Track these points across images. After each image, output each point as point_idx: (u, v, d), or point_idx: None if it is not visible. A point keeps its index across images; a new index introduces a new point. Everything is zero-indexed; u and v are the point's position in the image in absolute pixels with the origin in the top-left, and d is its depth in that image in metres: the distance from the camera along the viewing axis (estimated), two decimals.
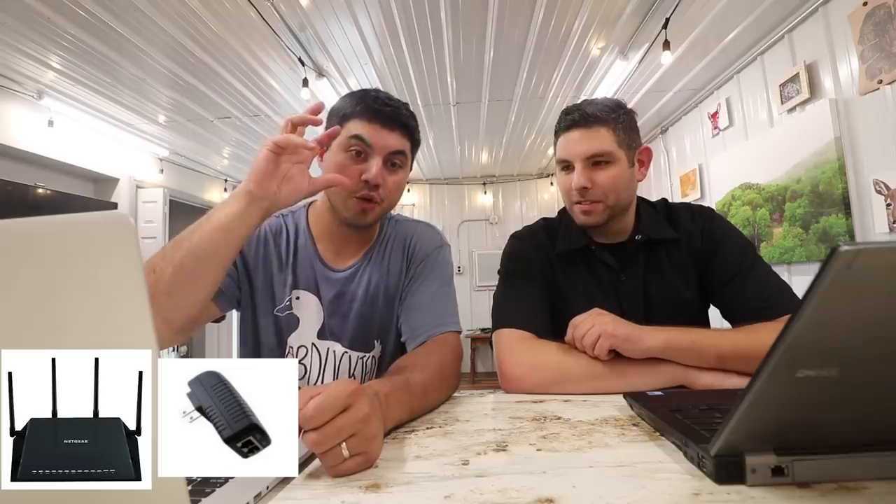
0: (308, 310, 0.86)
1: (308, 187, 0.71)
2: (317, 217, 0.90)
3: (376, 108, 0.79)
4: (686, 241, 0.91)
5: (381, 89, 0.85)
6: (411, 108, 0.86)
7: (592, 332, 0.72)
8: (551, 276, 0.93)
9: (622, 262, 0.91)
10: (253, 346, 0.87)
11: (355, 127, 0.79)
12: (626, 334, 0.71)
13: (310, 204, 0.93)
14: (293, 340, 0.85)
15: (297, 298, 0.85)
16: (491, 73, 3.14)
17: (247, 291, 0.85)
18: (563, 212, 1.00)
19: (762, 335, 0.69)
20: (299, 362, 0.85)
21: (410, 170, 0.89)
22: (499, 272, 0.96)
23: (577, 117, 0.87)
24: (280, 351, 0.85)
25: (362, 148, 0.79)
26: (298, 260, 0.87)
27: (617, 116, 0.87)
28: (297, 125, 0.70)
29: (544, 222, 1.01)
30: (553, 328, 0.84)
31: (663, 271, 0.90)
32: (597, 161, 0.86)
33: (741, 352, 0.69)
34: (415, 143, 0.87)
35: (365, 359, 0.87)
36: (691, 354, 0.71)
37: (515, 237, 0.99)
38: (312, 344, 0.86)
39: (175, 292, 0.63)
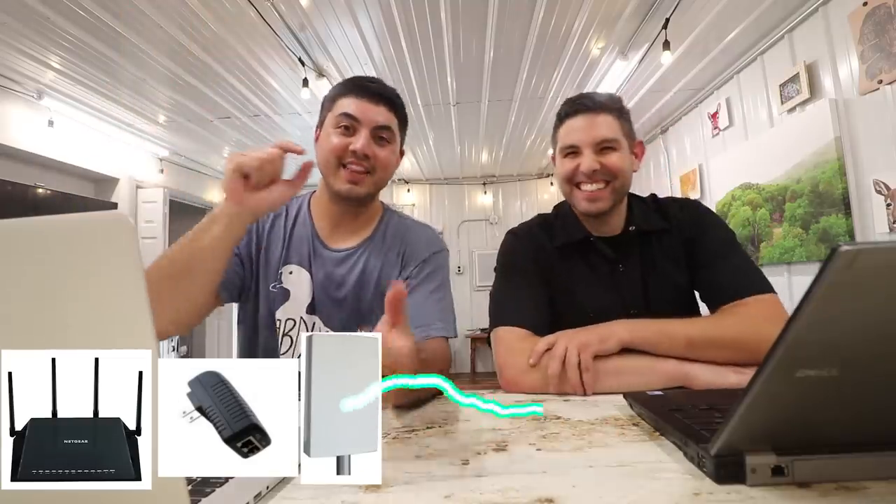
0: (299, 285, 0.89)
1: (290, 188, 0.74)
2: (317, 200, 0.95)
3: (361, 84, 0.86)
4: (677, 232, 0.93)
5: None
6: (403, 100, 0.91)
7: (571, 355, 0.71)
8: (549, 270, 0.93)
9: (619, 253, 0.92)
10: (252, 316, 0.90)
11: (343, 105, 0.85)
12: (598, 336, 0.73)
13: (312, 192, 0.98)
14: (280, 314, 0.88)
15: (290, 273, 0.89)
16: (491, 73, 3.14)
17: (249, 276, 0.90)
18: (558, 207, 1.02)
19: (726, 320, 0.77)
20: (286, 334, 0.88)
21: (401, 152, 0.93)
22: (495, 269, 0.96)
23: (585, 103, 0.90)
24: (271, 322, 0.88)
25: (350, 123, 0.84)
26: (294, 237, 0.91)
27: (619, 108, 0.92)
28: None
29: (540, 219, 1.02)
30: (553, 322, 0.85)
31: (658, 260, 0.92)
32: (604, 147, 0.89)
33: (709, 338, 0.72)
34: (402, 119, 0.91)
35: None
36: (661, 339, 0.73)
37: (511, 233, 0.99)
38: (301, 318, 0.88)
39: (168, 298, 0.69)
